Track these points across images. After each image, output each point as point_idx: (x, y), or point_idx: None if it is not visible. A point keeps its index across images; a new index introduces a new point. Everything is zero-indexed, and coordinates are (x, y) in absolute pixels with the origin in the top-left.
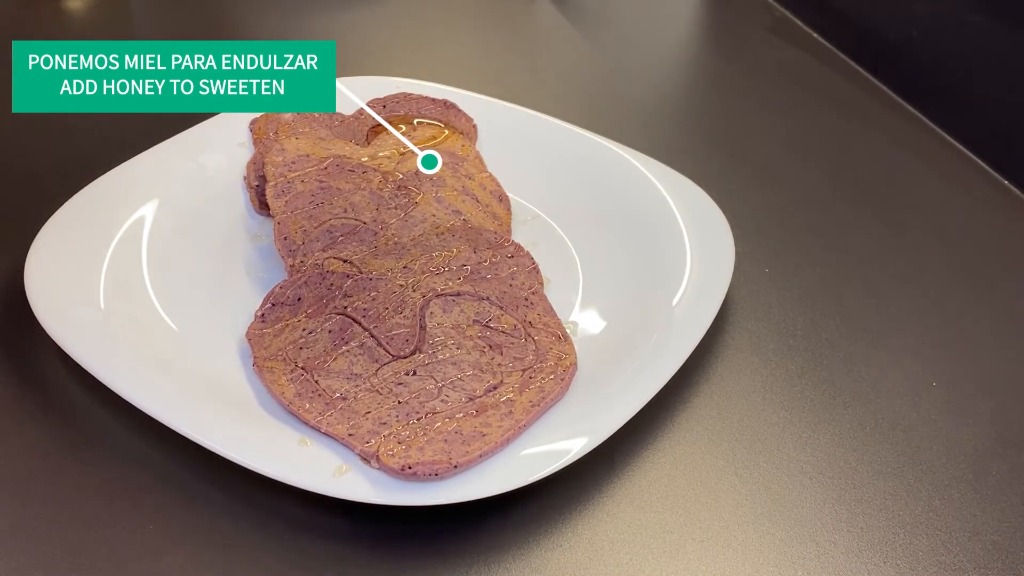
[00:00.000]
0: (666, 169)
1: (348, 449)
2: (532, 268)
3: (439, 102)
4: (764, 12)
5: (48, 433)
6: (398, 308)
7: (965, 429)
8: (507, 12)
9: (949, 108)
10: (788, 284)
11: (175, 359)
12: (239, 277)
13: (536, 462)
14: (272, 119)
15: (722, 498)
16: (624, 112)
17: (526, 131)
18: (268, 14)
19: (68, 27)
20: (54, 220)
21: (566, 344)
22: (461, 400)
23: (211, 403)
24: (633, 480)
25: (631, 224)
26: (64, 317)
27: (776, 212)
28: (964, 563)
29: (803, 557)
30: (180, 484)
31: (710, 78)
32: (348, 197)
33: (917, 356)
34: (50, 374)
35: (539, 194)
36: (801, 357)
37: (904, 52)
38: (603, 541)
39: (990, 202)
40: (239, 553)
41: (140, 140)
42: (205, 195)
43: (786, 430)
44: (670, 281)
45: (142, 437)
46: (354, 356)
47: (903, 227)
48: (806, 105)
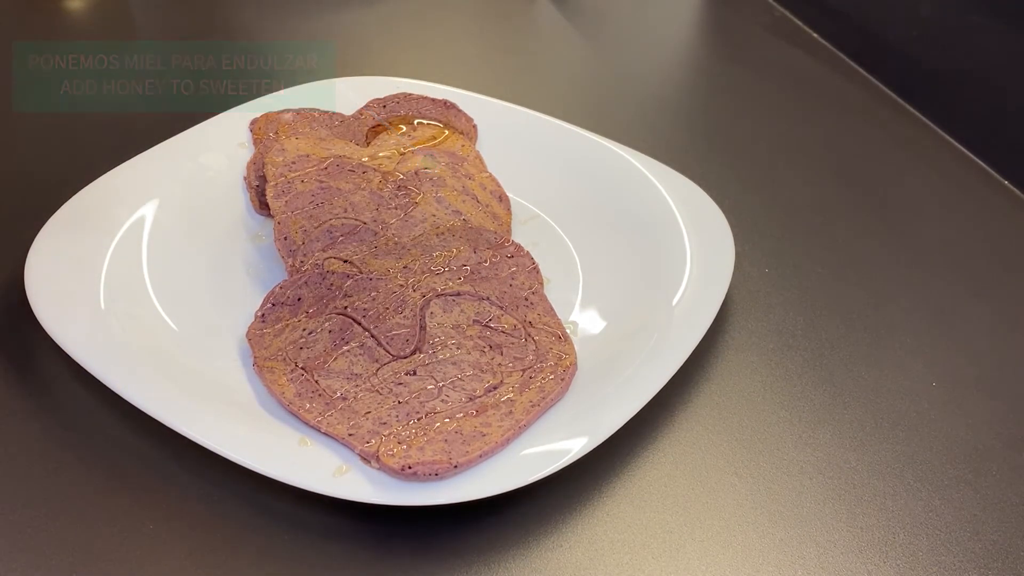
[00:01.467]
0: (666, 169)
1: (348, 449)
2: (532, 268)
3: (439, 102)
4: (764, 12)
5: (48, 433)
6: (398, 308)
7: (965, 429)
8: (507, 12)
9: (949, 108)
10: (788, 284)
11: (175, 359)
12: (239, 277)
13: (536, 462)
14: (272, 119)
15: (722, 498)
16: (624, 112)
17: (526, 131)
18: (268, 14)
19: (68, 27)
20: (54, 220)
21: (566, 344)
22: (461, 400)
23: (211, 403)
24: (633, 480)
25: (631, 224)
26: (64, 317)
27: (776, 212)
28: (964, 563)
29: (803, 557)
30: (180, 484)
31: (710, 78)
32: (348, 197)
33: (917, 356)
34: (50, 374)
35: (539, 194)
36: (801, 357)
37: (904, 52)
38: (603, 541)
39: (990, 202)
40: (239, 553)
41: (140, 140)
42: (205, 195)
43: (786, 430)
44: (670, 281)
45: (142, 437)
46: (354, 356)
47: (903, 227)
48: (806, 105)
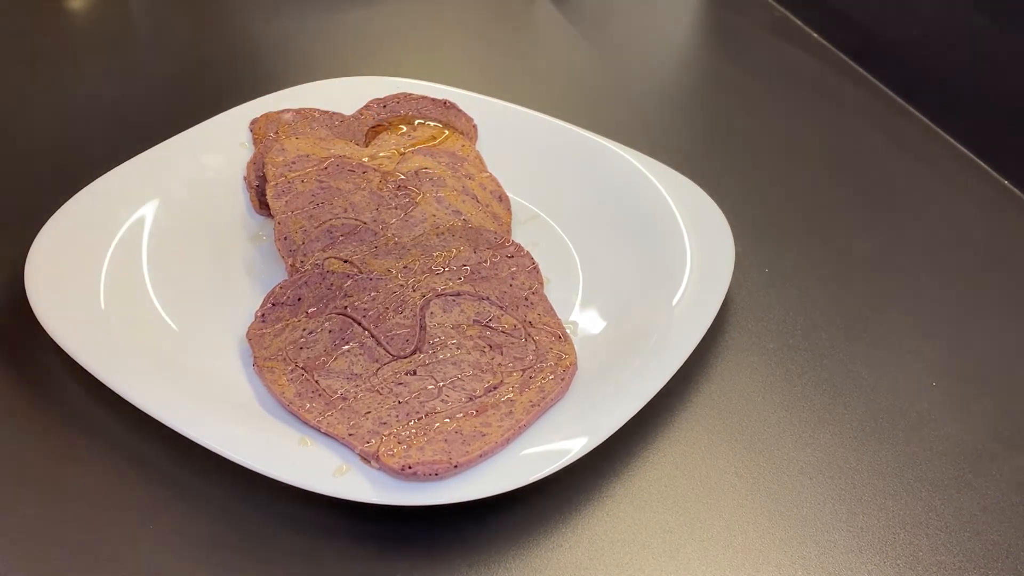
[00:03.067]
0: (666, 169)
1: (348, 449)
2: (532, 268)
3: (439, 102)
4: (764, 12)
5: (48, 433)
6: (398, 308)
7: (965, 429)
8: (507, 12)
9: (949, 108)
10: (788, 284)
11: (175, 359)
12: (239, 277)
13: (536, 462)
14: (272, 119)
15: (722, 498)
16: (624, 112)
17: (526, 131)
18: (268, 14)
19: (68, 27)
20: (54, 220)
21: (566, 344)
22: (461, 400)
23: (211, 403)
24: (633, 480)
25: (631, 224)
26: (64, 317)
27: (776, 212)
28: (964, 563)
29: (803, 557)
30: (180, 484)
31: (710, 78)
32: (348, 197)
33: (917, 356)
34: (50, 374)
35: (539, 194)
36: (801, 357)
37: (904, 52)
38: (603, 541)
39: (990, 202)
40: (239, 553)
41: (140, 140)
42: (205, 195)
43: (786, 430)
44: (670, 281)
45: (142, 437)
46: (354, 356)
47: (903, 227)
48: (806, 105)
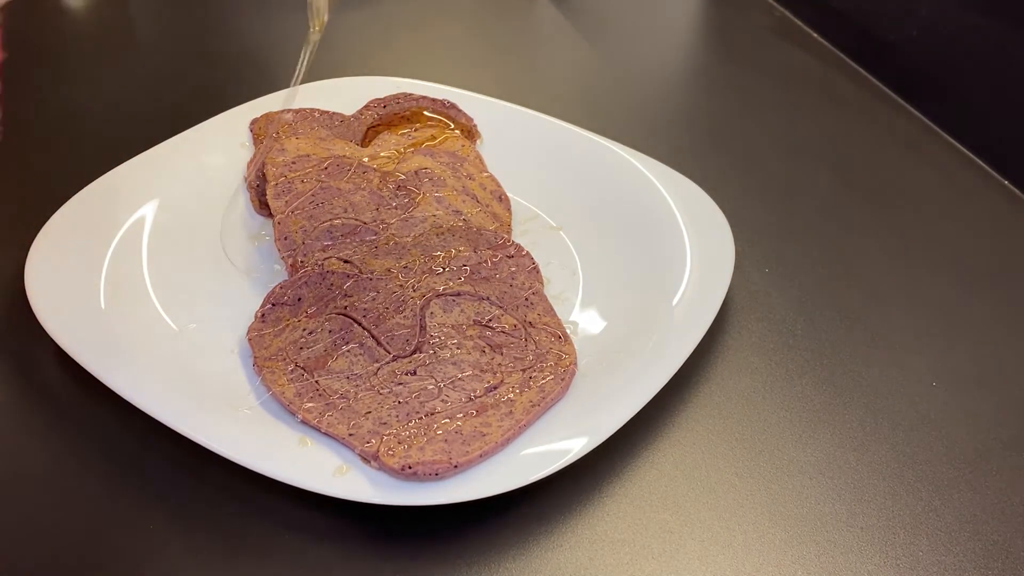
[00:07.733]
0: (666, 169)
1: (348, 449)
2: (532, 268)
3: (439, 102)
4: (764, 12)
5: (48, 433)
6: (398, 308)
7: (965, 429)
8: (507, 12)
9: (949, 108)
10: (788, 284)
11: (175, 359)
12: (239, 277)
13: (536, 462)
14: (272, 119)
15: (722, 498)
16: (624, 112)
17: (526, 131)
18: (268, 14)
19: (68, 27)
20: (54, 220)
21: (566, 344)
22: (461, 400)
23: (211, 403)
24: (633, 480)
25: (631, 224)
26: (64, 317)
27: (776, 212)
28: (964, 563)
29: (803, 557)
30: (180, 484)
31: (710, 78)
32: (348, 197)
33: (917, 356)
34: (50, 374)
35: (539, 194)
36: (801, 357)
37: (904, 52)
38: (603, 541)
39: (991, 203)
40: (239, 553)
41: (140, 140)
42: (205, 195)
43: (786, 430)
44: (670, 281)
45: (142, 437)
46: (354, 356)
47: (903, 227)
48: (806, 105)
